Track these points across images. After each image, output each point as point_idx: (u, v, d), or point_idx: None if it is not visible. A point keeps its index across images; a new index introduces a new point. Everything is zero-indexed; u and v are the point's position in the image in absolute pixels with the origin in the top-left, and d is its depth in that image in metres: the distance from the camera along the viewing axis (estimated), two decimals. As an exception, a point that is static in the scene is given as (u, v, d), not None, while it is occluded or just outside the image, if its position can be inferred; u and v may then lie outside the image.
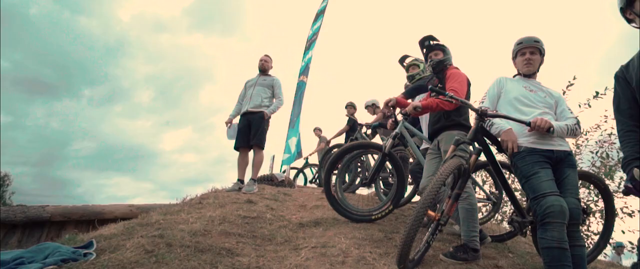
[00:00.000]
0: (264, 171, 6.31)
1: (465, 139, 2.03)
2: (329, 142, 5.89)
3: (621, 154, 4.39)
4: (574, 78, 4.65)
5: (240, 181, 4.09)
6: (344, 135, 5.98)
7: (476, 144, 2.07)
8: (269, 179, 5.51)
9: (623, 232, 4.28)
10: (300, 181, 7.13)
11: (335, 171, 3.14)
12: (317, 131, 7.54)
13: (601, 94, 4.61)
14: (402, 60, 3.29)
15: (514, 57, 2.25)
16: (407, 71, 3.28)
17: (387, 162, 3.27)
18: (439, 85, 2.66)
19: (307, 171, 7.18)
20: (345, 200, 3.12)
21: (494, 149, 2.19)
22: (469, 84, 2.62)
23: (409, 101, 2.97)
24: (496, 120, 2.06)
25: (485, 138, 2.10)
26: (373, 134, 5.03)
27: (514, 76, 2.28)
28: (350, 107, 6.06)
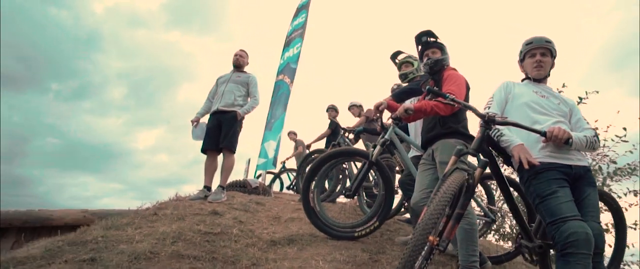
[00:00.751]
0: (238, 176, 5.86)
1: (469, 150, 1.71)
2: (308, 146, 5.51)
3: (612, 168, 4.28)
4: (563, 85, 4.49)
5: (207, 188, 3.64)
6: (324, 140, 5.63)
7: (481, 156, 1.75)
8: (242, 186, 5.06)
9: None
10: (276, 186, 6.73)
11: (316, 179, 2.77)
12: (292, 134, 7.16)
13: (584, 99, 4.47)
14: (394, 57, 2.97)
15: (522, 59, 1.97)
16: (399, 68, 2.96)
17: (372, 171, 2.93)
18: (435, 87, 2.35)
19: (284, 176, 6.79)
20: (324, 213, 2.76)
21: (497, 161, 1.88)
22: (468, 88, 2.32)
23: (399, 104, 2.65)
24: (505, 132, 1.75)
25: (491, 149, 1.79)
26: (356, 139, 4.70)
27: (523, 80, 2.00)
28: (332, 110, 5.71)
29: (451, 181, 1.51)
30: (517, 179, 1.99)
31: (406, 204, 3.22)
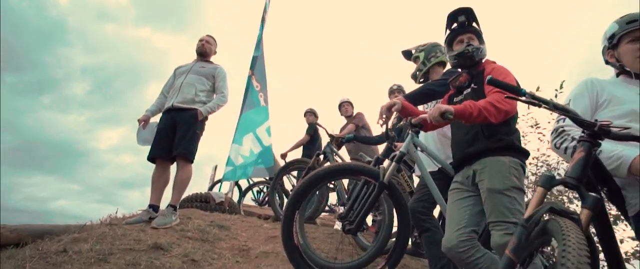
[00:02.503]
0: (200, 186, 4.96)
1: (567, 178, 1.06)
2: (284, 155, 4.74)
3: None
4: (561, 87, 4.13)
5: (153, 207, 2.77)
6: (301, 149, 4.89)
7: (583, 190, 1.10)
8: (204, 200, 4.21)
9: None
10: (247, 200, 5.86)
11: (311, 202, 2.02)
12: None
13: (560, 91, 4.15)
14: (408, 56, 2.37)
15: (614, 45, 1.38)
16: (415, 63, 2.34)
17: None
18: (473, 85, 1.72)
19: (256, 188, 5.94)
20: (311, 249, 2.03)
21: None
22: None
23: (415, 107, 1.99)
24: (603, 145, 1.13)
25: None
26: (338, 147, 3.99)
27: (618, 75, 1.41)
28: (310, 114, 4.98)
29: (577, 236, 0.85)
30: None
31: (417, 237, 2.56)
